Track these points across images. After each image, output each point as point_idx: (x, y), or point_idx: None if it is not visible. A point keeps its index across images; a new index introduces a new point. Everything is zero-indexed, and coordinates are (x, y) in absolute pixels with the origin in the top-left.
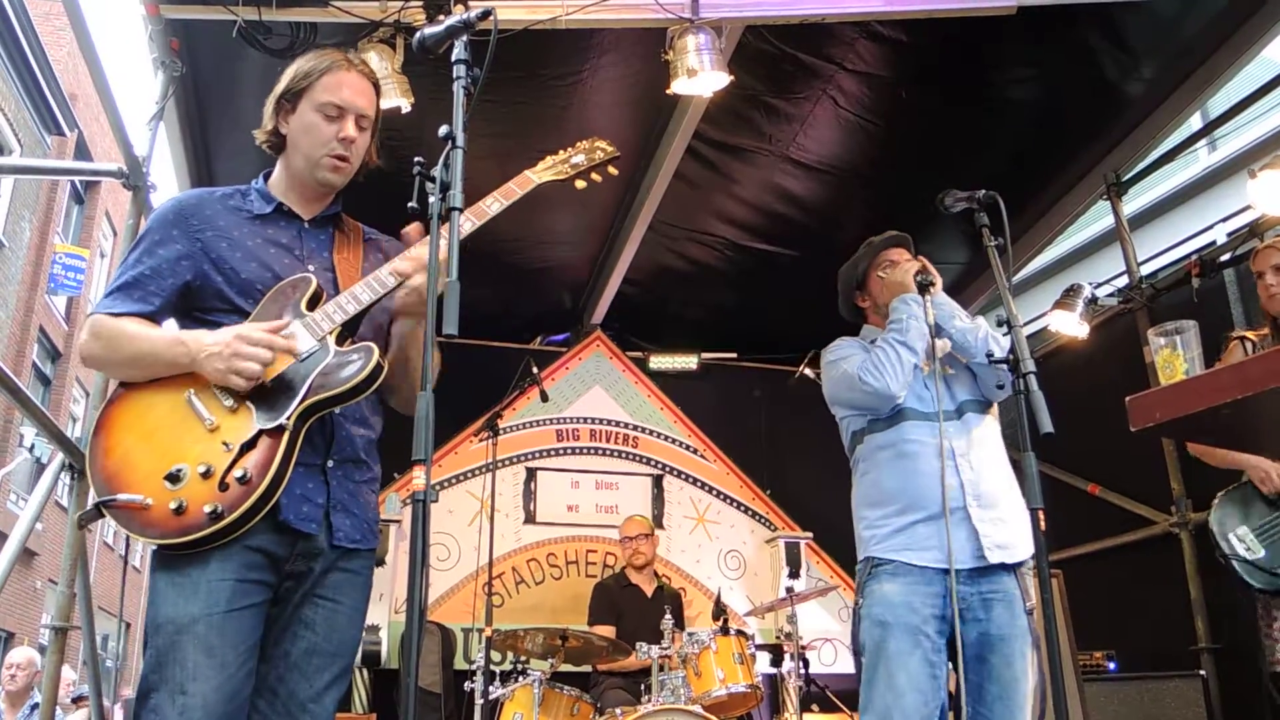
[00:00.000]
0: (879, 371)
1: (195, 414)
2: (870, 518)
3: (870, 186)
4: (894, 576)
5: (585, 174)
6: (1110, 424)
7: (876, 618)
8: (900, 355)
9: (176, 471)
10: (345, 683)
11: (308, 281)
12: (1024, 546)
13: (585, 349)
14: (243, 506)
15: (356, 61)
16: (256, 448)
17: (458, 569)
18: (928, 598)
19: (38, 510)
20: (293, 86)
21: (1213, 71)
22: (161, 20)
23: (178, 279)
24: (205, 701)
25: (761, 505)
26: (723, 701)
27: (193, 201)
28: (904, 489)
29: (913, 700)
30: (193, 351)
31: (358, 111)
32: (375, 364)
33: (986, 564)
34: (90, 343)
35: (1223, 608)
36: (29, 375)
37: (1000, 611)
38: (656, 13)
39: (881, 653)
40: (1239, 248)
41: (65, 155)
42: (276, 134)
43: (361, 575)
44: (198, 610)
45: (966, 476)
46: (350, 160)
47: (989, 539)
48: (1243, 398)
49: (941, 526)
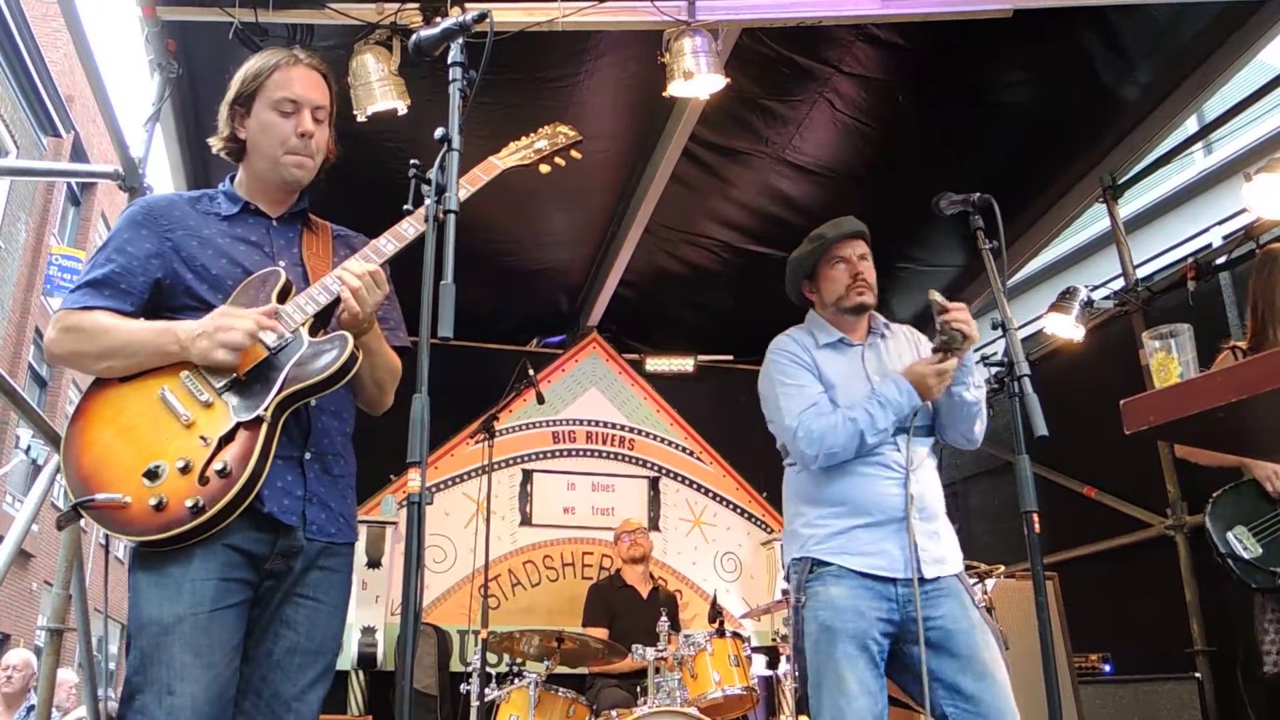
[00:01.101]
0: (819, 445)
1: (170, 410)
2: (808, 515)
3: (866, 189)
4: (839, 579)
5: (549, 158)
6: (1105, 427)
7: (823, 621)
8: (856, 442)
9: (155, 468)
10: (328, 680)
11: (277, 275)
12: (957, 559)
13: (581, 351)
14: (224, 499)
15: (303, 56)
16: (235, 440)
17: (454, 571)
18: (873, 601)
19: (34, 512)
20: (244, 90)
21: (1208, 75)
22: (158, 22)
23: (148, 277)
24: (193, 702)
25: (757, 507)
26: (718, 704)
27: (162, 203)
28: (847, 495)
29: (864, 703)
30: (182, 339)
31: (312, 104)
32: (350, 353)
33: (923, 576)
34: (61, 337)
35: (1218, 610)
36: (25, 377)
37: (950, 605)
38: (653, 15)
39: (829, 657)
40: (1234, 251)
41: (61, 157)
42: (234, 139)
43: (340, 573)
44: (183, 610)
45: (915, 490)
46: (312, 156)
47: (927, 553)
48: (1237, 400)
49: (883, 534)
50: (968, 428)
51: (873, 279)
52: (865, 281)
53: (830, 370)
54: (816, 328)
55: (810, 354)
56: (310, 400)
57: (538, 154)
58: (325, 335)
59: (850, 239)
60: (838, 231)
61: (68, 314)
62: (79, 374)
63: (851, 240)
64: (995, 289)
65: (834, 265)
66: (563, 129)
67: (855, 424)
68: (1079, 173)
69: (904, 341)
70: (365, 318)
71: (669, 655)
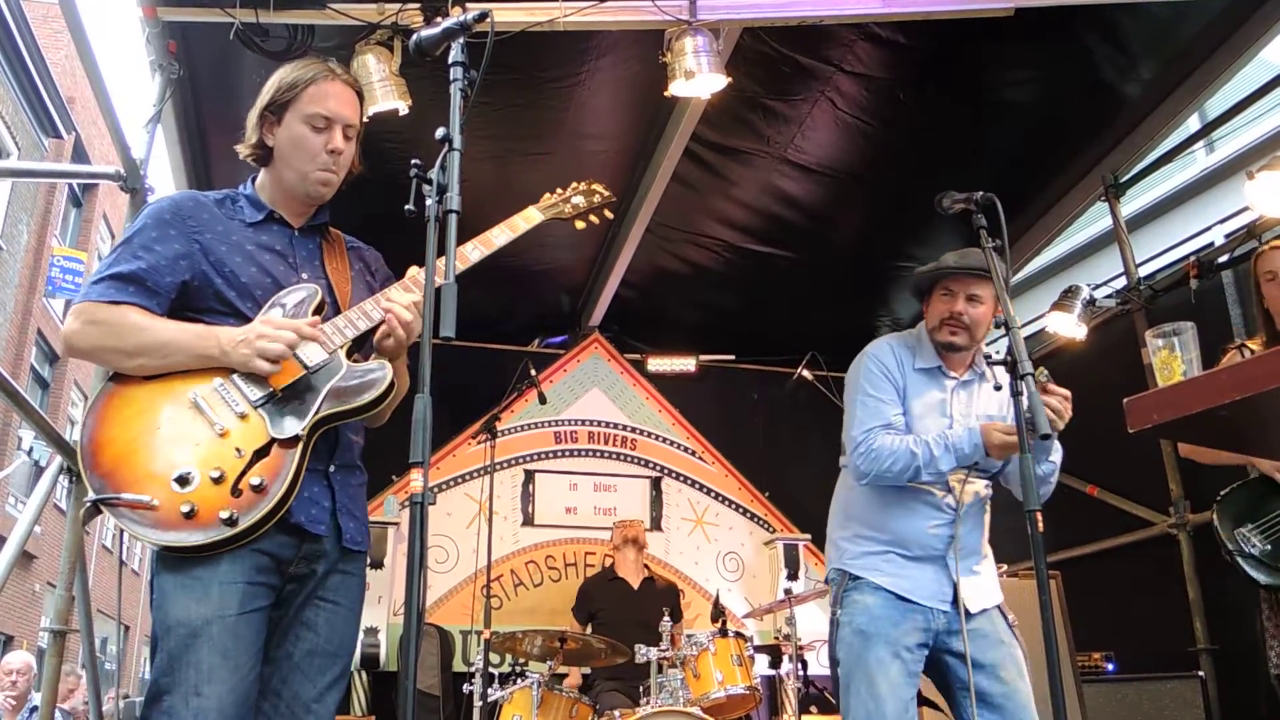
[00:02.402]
0: (877, 465)
1: (204, 417)
2: (851, 531)
3: (868, 188)
4: (875, 591)
5: (584, 215)
6: (1108, 425)
7: (859, 627)
8: (911, 473)
9: (186, 474)
10: (345, 683)
11: (313, 291)
12: (996, 594)
13: (583, 351)
14: (258, 514)
15: (340, 71)
16: (269, 455)
17: (456, 571)
18: (907, 616)
19: (36, 513)
20: (278, 98)
21: (1210, 73)
22: (159, 23)
23: (176, 278)
24: (220, 704)
25: (760, 507)
26: (721, 703)
27: (189, 203)
28: (891, 526)
29: (893, 708)
30: (224, 344)
31: (344, 121)
32: (389, 384)
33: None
34: (87, 330)
35: (1221, 609)
36: (27, 378)
37: (981, 622)
38: (654, 15)
39: (861, 661)
40: (1237, 249)
41: (63, 158)
42: (262, 146)
43: (358, 576)
44: (210, 612)
45: (957, 531)
46: (339, 173)
47: (963, 591)
48: (1241, 399)
49: (919, 567)
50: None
51: (976, 321)
52: (960, 322)
53: (916, 396)
54: (920, 347)
55: (904, 373)
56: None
57: (574, 210)
58: (362, 360)
59: (966, 276)
60: (958, 263)
61: (94, 306)
62: (81, 376)
63: (967, 278)
64: (998, 288)
65: (942, 296)
66: (597, 187)
67: (915, 458)
68: (1080, 171)
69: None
70: (404, 347)
71: (672, 655)
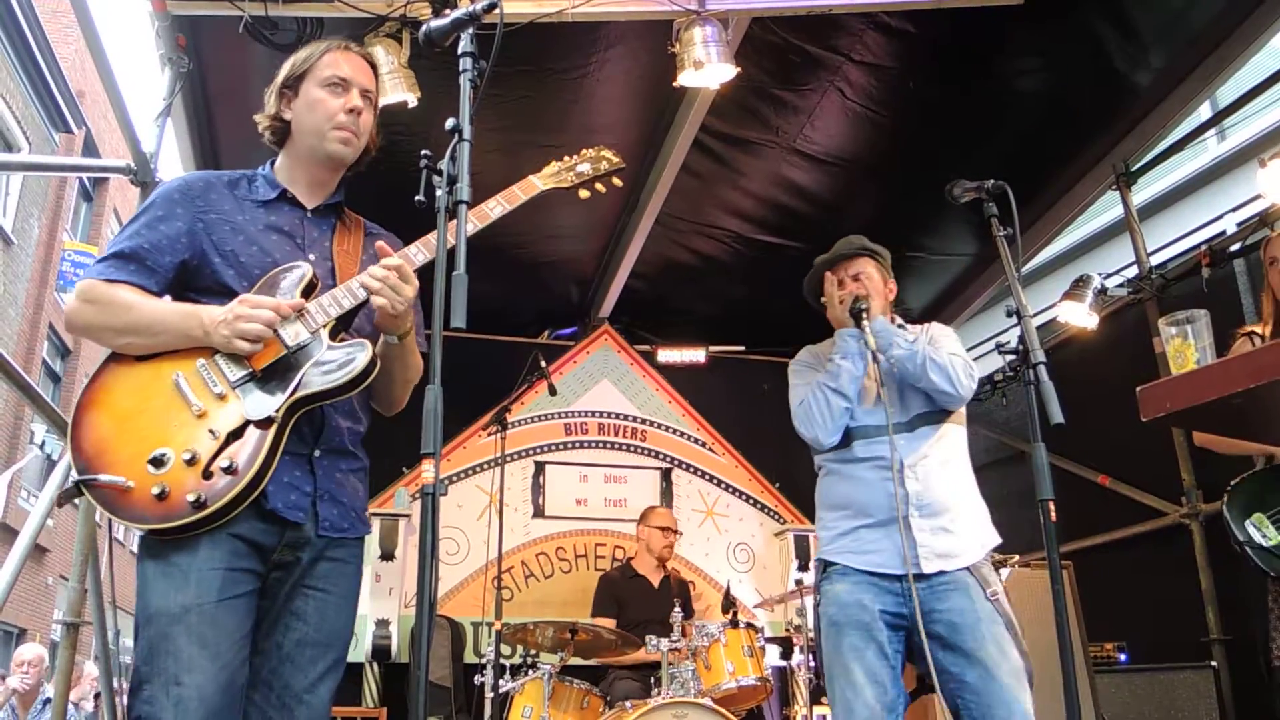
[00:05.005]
0: (809, 421)
1: (182, 398)
2: (825, 519)
3: (878, 178)
4: (844, 576)
5: (589, 184)
6: (1121, 415)
7: (831, 618)
8: (829, 401)
9: (160, 456)
10: (339, 672)
11: (303, 270)
12: (970, 553)
13: (593, 343)
14: (226, 496)
15: (353, 46)
16: (243, 438)
17: (467, 563)
18: (878, 595)
19: (48, 506)
20: (294, 72)
21: (1222, 60)
22: (168, 16)
23: (175, 256)
24: (201, 693)
25: (770, 498)
26: (732, 694)
27: (199, 183)
28: (851, 497)
29: (873, 692)
30: (206, 324)
31: (361, 86)
32: (369, 362)
33: (921, 572)
34: (83, 308)
35: (1234, 599)
36: (39, 372)
37: (957, 598)
38: (663, 5)
39: (837, 651)
40: (1249, 237)
41: (73, 152)
42: (279, 119)
43: (350, 564)
44: (189, 600)
45: (912, 488)
46: (358, 135)
47: (927, 548)
48: (1255, 387)
49: (883, 533)
50: (929, 382)
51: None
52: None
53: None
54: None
55: (820, 362)
56: (324, 403)
57: (579, 177)
58: (346, 340)
59: (844, 260)
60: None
61: (92, 285)
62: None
63: (845, 261)
64: (1010, 276)
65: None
66: (606, 153)
67: (820, 388)
68: (1091, 160)
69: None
70: (397, 314)
71: (683, 646)
